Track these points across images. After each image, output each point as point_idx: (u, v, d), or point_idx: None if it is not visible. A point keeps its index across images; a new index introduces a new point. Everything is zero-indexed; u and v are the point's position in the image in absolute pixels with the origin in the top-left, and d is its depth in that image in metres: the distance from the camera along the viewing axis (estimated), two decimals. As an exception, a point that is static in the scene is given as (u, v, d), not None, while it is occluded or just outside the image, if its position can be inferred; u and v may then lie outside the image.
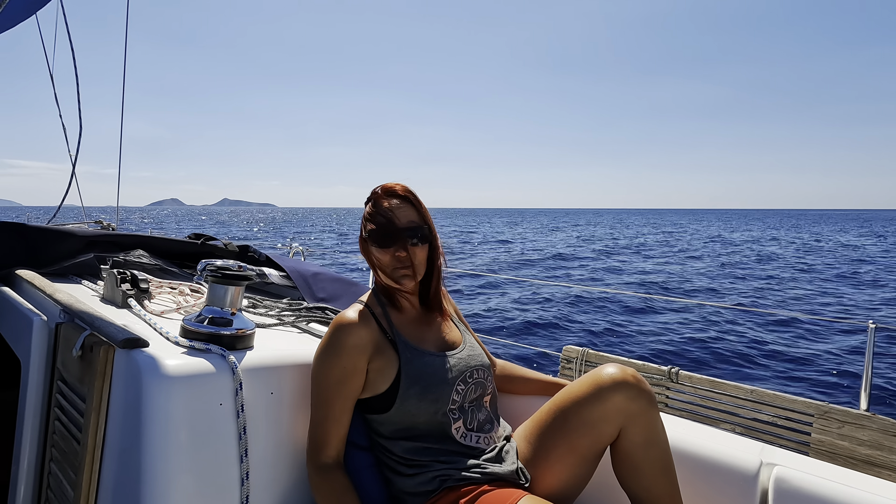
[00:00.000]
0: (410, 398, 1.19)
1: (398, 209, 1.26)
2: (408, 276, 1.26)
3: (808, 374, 6.74)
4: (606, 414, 1.18)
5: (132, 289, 1.51)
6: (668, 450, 1.20)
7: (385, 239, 1.24)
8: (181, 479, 1.01)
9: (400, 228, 1.24)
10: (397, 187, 1.29)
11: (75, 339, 1.20)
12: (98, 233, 2.11)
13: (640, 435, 1.18)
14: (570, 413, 1.21)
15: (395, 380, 1.21)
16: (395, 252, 1.24)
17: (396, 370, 1.21)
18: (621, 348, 7.95)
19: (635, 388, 1.18)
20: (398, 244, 1.24)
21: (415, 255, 1.25)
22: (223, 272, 1.20)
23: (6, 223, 1.95)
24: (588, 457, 1.21)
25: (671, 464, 1.20)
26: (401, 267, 1.25)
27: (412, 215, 1.27)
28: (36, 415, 1.34)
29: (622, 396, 1.17)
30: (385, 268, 1.26)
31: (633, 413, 1.17)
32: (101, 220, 3.78)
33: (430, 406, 1.20)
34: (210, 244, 2.35)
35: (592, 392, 1.19)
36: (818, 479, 1.14)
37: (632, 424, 1.18)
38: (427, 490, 1.18)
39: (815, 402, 2.55)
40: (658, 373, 2.94)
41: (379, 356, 1.22)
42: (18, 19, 4.29)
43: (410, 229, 1.25)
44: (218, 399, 1.07)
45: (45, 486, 1.29)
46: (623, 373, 1.19)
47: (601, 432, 1.19)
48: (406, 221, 1.25)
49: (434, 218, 1.34)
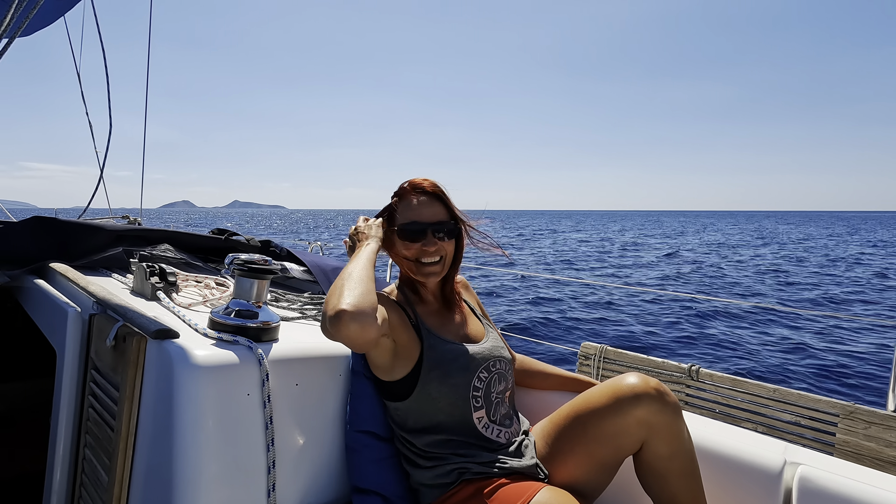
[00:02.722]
0: (431, 381, 1.20)
1: (426, 205, 1.27)
2: (434, 273, 1.27)
3: (833, 373, 6.59)
4: (626, 427, 1.14)
5: (160, 282, 1.55)
6: (693, 457, 1.17)
7: (413, 234, 1.26)
8: (210, 465, 1.04)
9: (428, 223, 1.26)
10: (425, 183, 1.30)
11: (108, 329, 1.24)
12: (126, 227, 2.17)
13: (665, 447, 1.14)
14: (589, 424, 1.18)
15: (416, 364, 1.22)
16: (422, 247, 1.25)
17: (419, 354, 1.22)
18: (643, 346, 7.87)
19: (658, 400, 1.13)
20: (426, 239, 1.25)
21: (443, 249, 1.27)
22: (249, 266, 1.22)
23: (40, 218, 2.02)
24: (607, 465, 1.19)
25: (696, 470, 1.17)
26: (428, 262, 1.26)
27: (440, 210, 1.28)
28: (71, 402, 1.39)
29: (644, 410, 1.13)
30: (411, 262, 1.28)
31: (656, 426, 1.13)
32: (128, 216, 3.87)
33: (450, 391, 1.20)
34: (233, 239, 2.39)
35: (611, 404, 1.15)
36: (843, 479, 1.12)
37: (655, 437, 1.14)
38: (445, 482, 1.19)
39: (840, 402, 2.50)
40: (678, 370, 2.91)
41: (406, 333, 1.23)
42: (48, 21, 4.40)
43: (438, 224, 1.26)
44: (245, 389, 1.10)
45: (80, 471, 1.33)
46: (645, 384, 1.14)
47: (621, 444, 1.16)
48: (434, 216, 1.27)
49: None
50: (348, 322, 1.00)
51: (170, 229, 2.27)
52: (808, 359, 7.22)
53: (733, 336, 8.36)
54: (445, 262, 1.29)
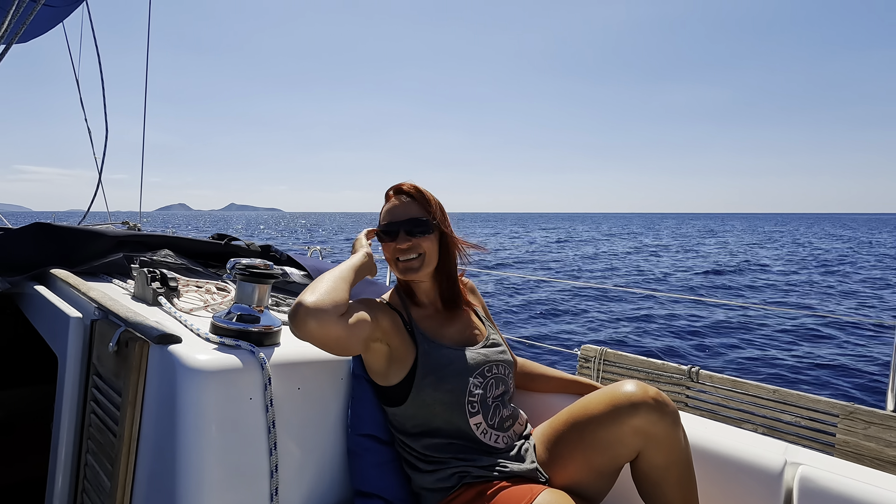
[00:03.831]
0: (425, 387, 1.20)
1: (401, 205, 1.30)
2: (412, 269, 1.28)
3: (832, 374, 6.60)
4: (622, 436, 1.13)
5: (162, 287, 1.55)
6: (690, 466, 1.17)
7: (387, 234, 1.28)
8: (213, 469, 1.04)
9: (399, 222, 1.27)
10: (404, 185, 1.32)
11: (110, 335, 1.24)
12: (126, 233, 2.17)
13: (661, 457, 1.14)
14: (586, 431, 1.18)
15: (411, 369, 1.22)
16: (396, 245, 1.27)
17: (413, 360, 1.22)
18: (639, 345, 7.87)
19: (655, 410, 1.12)
20: (398, 237, 1.27)
21: (420, 247, 1.27)
22: (251, 270, 1.23)
23: (41, 224, 2.02)
24: (605, 472, 1.19)
25: (693, 480, 1.17)
26: (404, 259, 1.28)
27: (413, 209, 1.29)
28: (72, 408, 1.39)
29: (641, 419, 1.11)
30: (391, 262, 1.31)
31: (653, 435, 1.12)
32: (128, 222, 3.88)
33: (445, 396, 1.20)
34: (233, 244, 2.40)
35: (608, 411, 1.15)
36: (844, 479, 1.12)
37: (651, 447, 1.13)
38: (446, 486, 1.19)
39: (839, 403, 2.51)
40: (678, 372, 2.91)
41: (399, 338, 1.24)
42: (45, 28, 4.41)
43: (409, 221, 1.27)
44: (248, 393, 1.10)
45: (82, 477, 1.33)
46: (643, 393, 1.13)
47: (617, 453, 1.15)
48: (405, 215, 1.28)
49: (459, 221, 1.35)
50: (304, 317, 1.01)
51: (170, 235, 2.27)
52: (806, 359, 7.23)
53: (733, 338, 8.37)
54: (426, 259, 1.28)
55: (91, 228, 2.13)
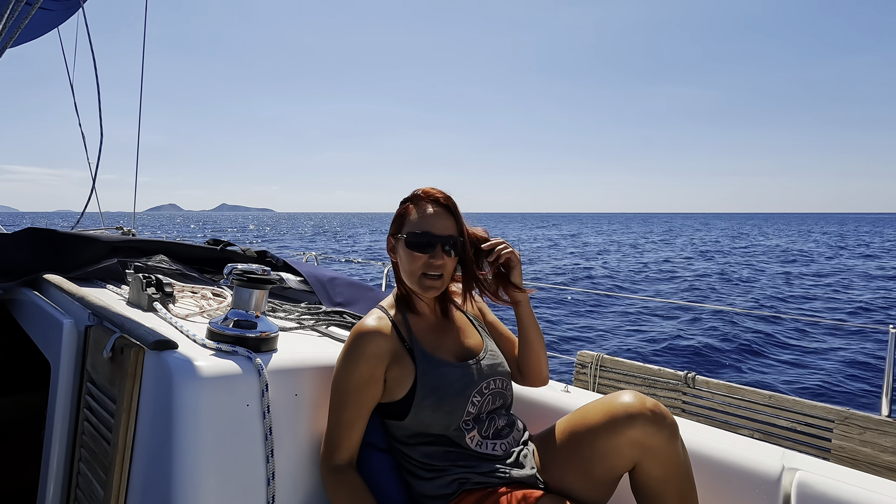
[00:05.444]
0: (424, 409, 1.19)
1: (439, 216, 1.25)
2: (435, 287, 1.26)
3: (827, 379, 6.63)
4: (619, 447, 1.12)
5: (157, 293, 1.54)
6: (690, 478, 1.16)
7: (422, 245, 1.23)
8: (209, 478, 1.03)
9: (441, 236, 1.23)
10: (438, 194, 1.27)
11: (105, 341, 1.23)
12: (121, 238, 2.16)
13: (658, 470, 1.12)
14: (584, 441, 1.17)
15: (411, 388, 1.21)
16: (430, 259, 1.23)
17: (413, 380, 1.21)
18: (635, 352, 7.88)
19: (653, 422, 1.10)
20: (434, 252, 1.23)
21: (448, 265, 1.25)
22: (248, 276, 1.22)
23: (34, 229, 2.00)
24: (603, 482, 1.18)
25: (693, 492, 1.16)
26: (432, 275, 1.24)
27: (450, 225, 1.26)
28: (65, 415, 1.37)
29: (638, 431, 1.10)
30: (415, 273, 1.25)
31: (650, 447, 1.10)
32: (122, 227, 3.85)
33: (444, 418, 1.20)
34: (229, 250, 2.38)
35: (605, 422, 1.13)
36: (842, 485, 1.13)
37: (648, 459, 1.11)
38: (446, 493, 1.18)
39: (835, 408, 2.52)
40: (674, 378, 2.92)
41: (396, 365, 1.22)
42: (40, 33, 4.40)
43: (448, 238, 1.24)
44: (245, 400, 1.09)
45: (74, 486, 1.31)
46: (640, 405, 1.11)
47: (614, 463, 1.14)
48: (444, 230, 1.24)
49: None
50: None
51: (165, 240, 2.26)
52: (802, 365, 7.26)
53: (732, 342, 8.40)
54: (446, 278, 1.27)
55: (85, 234, 2.11)
